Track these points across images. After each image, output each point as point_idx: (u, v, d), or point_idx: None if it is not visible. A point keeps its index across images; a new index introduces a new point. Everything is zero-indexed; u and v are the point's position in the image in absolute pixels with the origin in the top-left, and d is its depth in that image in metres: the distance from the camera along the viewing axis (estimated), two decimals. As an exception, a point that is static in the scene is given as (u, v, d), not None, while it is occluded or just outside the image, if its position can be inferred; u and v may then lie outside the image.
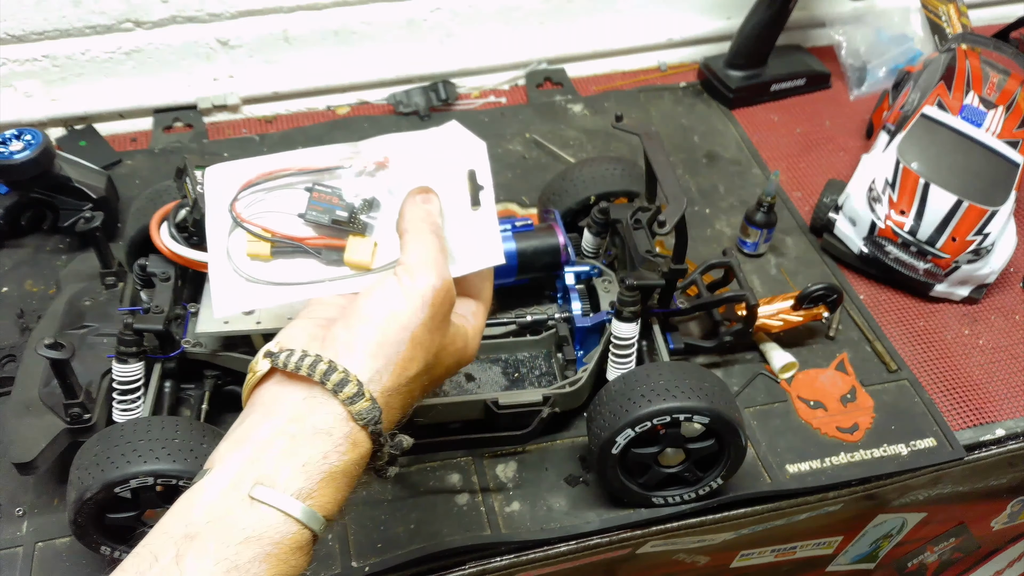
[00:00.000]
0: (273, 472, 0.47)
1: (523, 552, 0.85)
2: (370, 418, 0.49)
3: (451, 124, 0.64)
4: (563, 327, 0.94)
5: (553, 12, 1.41)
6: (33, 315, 0.99)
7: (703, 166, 1.30)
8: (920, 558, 1.24)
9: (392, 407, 0.52)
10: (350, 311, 0.52)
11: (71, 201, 1.08)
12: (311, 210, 0.59)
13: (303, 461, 0.47)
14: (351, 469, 0.50)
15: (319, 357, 0.49)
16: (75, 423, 0.79)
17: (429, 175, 0.60)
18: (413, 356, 0.52)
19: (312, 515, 0.47)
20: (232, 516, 0.46)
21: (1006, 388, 1.02)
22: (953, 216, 1.06)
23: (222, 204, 0.60)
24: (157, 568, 0.44)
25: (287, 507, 0.46)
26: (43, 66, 1.24)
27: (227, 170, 0.61)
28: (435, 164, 0.61)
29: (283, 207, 0.60)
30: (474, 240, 0.59)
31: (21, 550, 0.82)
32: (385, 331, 0.51)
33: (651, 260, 0.89)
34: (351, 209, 0.59)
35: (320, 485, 0.48)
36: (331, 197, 0.59)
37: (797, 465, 0.93)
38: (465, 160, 0.61)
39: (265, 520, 0.46)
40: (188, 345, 0.84)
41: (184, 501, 0.47)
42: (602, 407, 0.81)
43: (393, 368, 0.51)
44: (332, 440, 0.48)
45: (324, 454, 0.48)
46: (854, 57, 1.45)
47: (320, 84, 1.36)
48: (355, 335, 0.51)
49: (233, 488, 0.47)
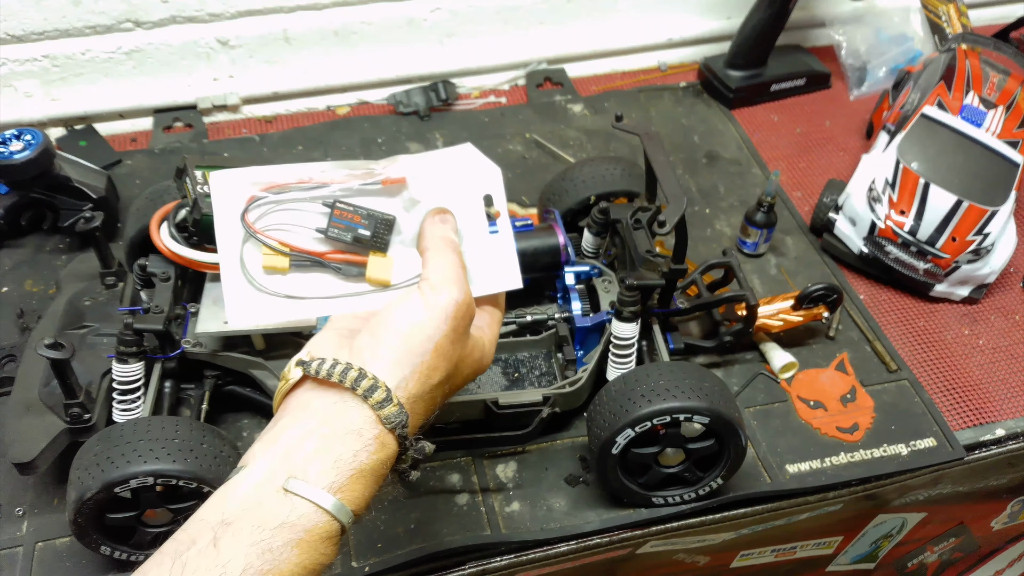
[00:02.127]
0: (305, 467, 0.50)
1: (523, 552, 0.85)
2: (398, 422, 0.52)
3: (466, 147, 0.65)
4: (563, 327, 0.94)
5: (553, 12, 1.41)
6: (33, 315, 0.99)
7: (703, 166, 1.30)
8: (920, 558, 1.24)
9: (417, 412, 0.55)
10: (375, 322, 0.55)
11: (71, 201, 1.08)
12: (333, 227, 0.60)
13: (334, 458, 0.50)
14: (379, 468, 0.52)
15: (349, 365, 0.52)
16: (75, 423, 0.79)
17: (446, 198, 0.62)
18: (436, 365, 0.55)
19: (341, 508, 0.50)
20: (266, 505, 0.48)
21: (1006, 388, 1.02)
22: (953, 216, 1.06)
23: (232, 213, 0.60)
24: (195, 550, 0.47)
25: (319, 499, 0.49)
26: (43, 66, 1.24)
27: (234, 177, 0.60)
28: (452, 187, 0.62)
29: (295, 220, 0.60)
30: (492, 264, 0.62)
31: (21, 550, 0.82)
32: (410, 341, 0.54)
33: (651, 260, 0.89)
34: (374, 227, 0.60)
35: (350, 480, 0.50)
36: (353, 215, 0.60)
37: (797, 465, 0.93)
38: (481, 184, 0.63)
39: (297, 510, 0.48)
40: (188, 345, 0.84)
41: (220, 494, 0.50)
42: (602, 407, 0.81)
43: (418, 376, 0.54)
44: (362, 440, 0.51)
45: (354, 452, 0.51)
46: (854, 57, 1.45)
47: (320, 84, 1.36)
48: (382, 344, 0.54)
49: (267, 481, 0.49)
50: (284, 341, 0.87)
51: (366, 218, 0.60)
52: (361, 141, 1.30)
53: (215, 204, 0.60)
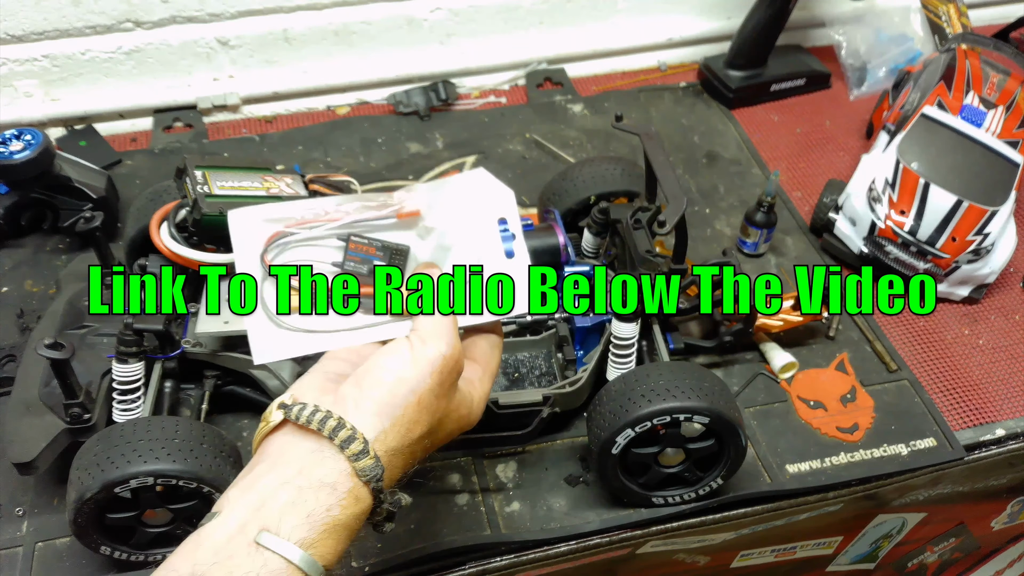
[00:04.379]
0: (278, 520, 0.49)
1: (523, 552, 0.85)
2: (372, 475, 0.52)
3: (479, 171, 0.66)
4: (563, 327, 0.94)
5: (553, 12, 1.41)
6: (33, 315, 0.99)
7: (703, 166, 1.30)
8: (920, 558, 1.24)
9: (394, 466, 0.54)
10: (362, 371, 0.55)
11: (71, 201, 1.08)
12: (349, 261, 0.61)
13: (307, 512, 0.50)
14: (352, 522, 0.52)
15: (329, 413, 0.52)
16: (75, 423, 0.79)
17: (461, 223, 0.63)
18: (418, 419, 0.54)
19: (312, 563, 0.49)
20: (237, 559, 0.48)
21: (1006, 388, 1.02)
22: (953, 216, 1.06)
23: (251, 251, 0.61)
24: None
25: (290, 554, 0.48)
26: (43, 66, 1.24)
27: (251, 215, 0.62)
28: (466, 212, 0.63)
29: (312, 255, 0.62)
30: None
31: (21, 550, 0.82)
32: (394, 393, 0.53)
33: (651, 260, 0.89)
34: (389, 258, 0.61)
35: (322, 536, 0.50)
36: (368, 248, 0.62)
37: (797, 465, 0.93)
38: (494, 207, 0.64)
39: (268, 565, 0.48)
40: (188, 345, 0.84)
41: (192, 542, 0.49)
42: (602, 407, 0.81)
43: (398, 429, 0.53)
44: (336, 494, 0.51)
45: (328, 507, 0.50)
46: (854, 57, 1.45)
47: (320, 84, 1.36)
48: (364, 394, 0.53)
49: (239, 532, 0.49)
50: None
51: (381, 249, 0.62)
52: (361, 141, 1.30)
53: (234, 242, 0.61)
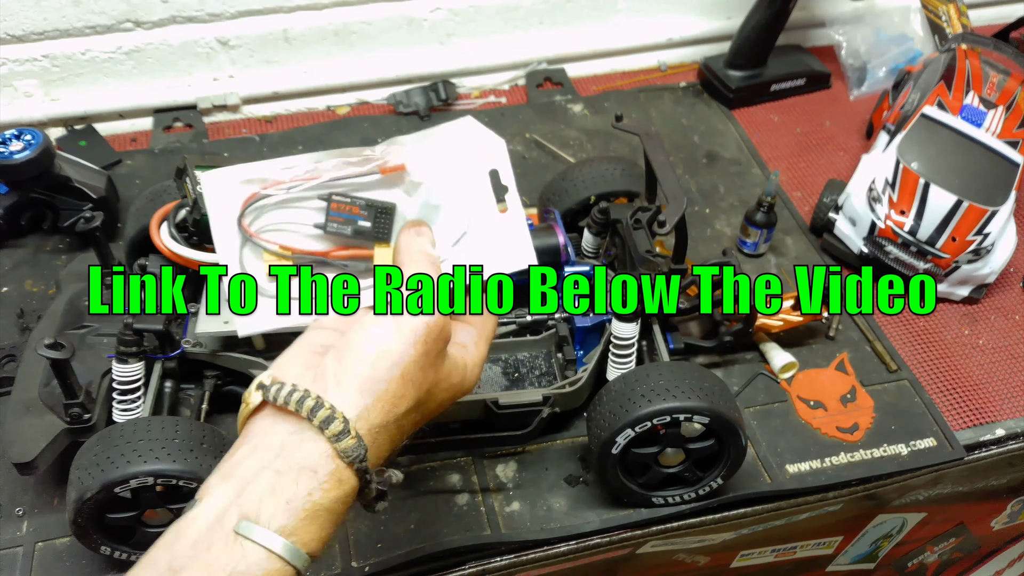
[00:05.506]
0: (257, 508, 0.47)
1: (523, 552, 0.85)
2: (355, 456, 0.49)
3: (466, 120, 0.61)
4: (563, 327, 0.94)
5: (553, 12, 1.41)
6: (33, 315, 0.99)
7: (703, 166, 1.30)
8: (920, 558, 1.24)
9: (380, 444, 0.52)
10: (343, 343, 0.52)
11: (71, 201, 1.08)
12: (331, 222, 0.57)
13: (287, 498, 0.48)
14: (335, 507, 0.50)
15: (307, 392, 0.50)
16: (75, 423, 0.79)
17: (450, 177, 0.58)
18: (403, 393, 0.52)
19: (295, 552, 0.47)
20: (216, 550, 0.46)
21: (1006, 388, 1.02)
22: (953, 216, 1.06)
23: (227, 215, 0.57)
24: None
25: (270, 543, 0.47)
26: (43, 66, 1.24)
27: (226, 176, 0.58)
28: (455, 164, 0.58)
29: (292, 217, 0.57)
30: (503, 243, 0.58)
31: (21, 550, 0.82)
32: (376, 367, 0.51)
33: (651, 260, 0.89)
34: (374, 218, 0.57)
35: (303, 522, 0.48)
36: (351, 207, 0.57)
37: (797, 465, 0.93)
38: (485, 159, 0.59)
39: (248, 556, 0.46)
40: (188, 345, 0.84)
41: (172, 532, 0.48)
42: (602, 407, 0.81)
43: (382, 405, 0.51)
44: (317, 478, 0.49)
45: (308, 491, 0.48)
46: (854, 57, 1.45)
47: (320, 84, 1.36)
48: (345, 370, 0.51)
49: (218, 522, 0.47)
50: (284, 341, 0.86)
51: (365, 208, 0.57)
52: (361, 141, 1.30)
53: (209, 206, 0.57)
